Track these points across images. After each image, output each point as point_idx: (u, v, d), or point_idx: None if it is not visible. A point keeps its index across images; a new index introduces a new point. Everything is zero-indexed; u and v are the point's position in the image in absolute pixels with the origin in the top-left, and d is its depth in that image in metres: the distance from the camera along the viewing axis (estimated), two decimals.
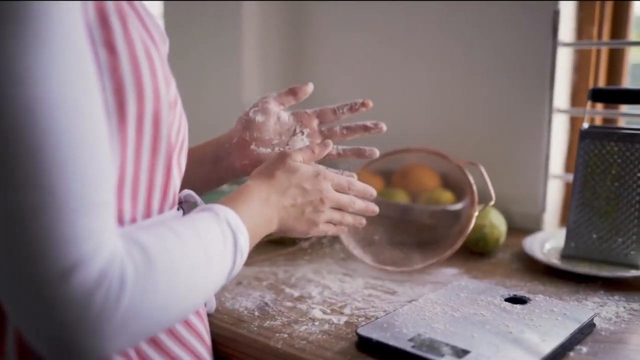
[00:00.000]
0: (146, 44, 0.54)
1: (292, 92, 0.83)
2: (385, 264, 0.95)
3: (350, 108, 0.85)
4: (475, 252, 1.02)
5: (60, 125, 0.45)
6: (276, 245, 1.03)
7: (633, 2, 1.10)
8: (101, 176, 0.47)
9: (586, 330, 0.71)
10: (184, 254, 0.52)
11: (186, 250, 0.52)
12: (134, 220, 0.56)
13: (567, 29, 1.11)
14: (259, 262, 0.97)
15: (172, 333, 0.60)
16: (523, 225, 1.15)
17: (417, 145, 1.08)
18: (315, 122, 0.85)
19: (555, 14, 1.06)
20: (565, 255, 0.96)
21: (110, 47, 0.50)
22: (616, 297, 0.82)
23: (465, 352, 0.63)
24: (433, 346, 0.64)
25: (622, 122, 1.14)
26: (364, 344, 0.67)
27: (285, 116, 0.83)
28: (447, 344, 0.64)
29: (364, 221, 0.79)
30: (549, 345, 0.65)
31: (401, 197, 1.11)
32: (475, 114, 1.21)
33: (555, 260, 0.94)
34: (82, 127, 0.47)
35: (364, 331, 0.68)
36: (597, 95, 0.94)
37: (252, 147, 0.79)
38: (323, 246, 1.04)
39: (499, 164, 1.17)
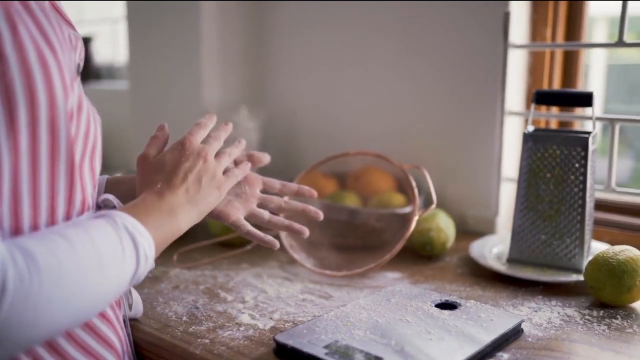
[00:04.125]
0: (40, 50, 0.53)
1: (249, 157, 0.84)
2: (331, 268, 0.94)
3: (297, 191, 0.85)
4: (423, 255, 1.01)
5: None
6: (221, 247, 1.02)
7: (587, 2, 1.09)
8: None
9: (511, 337, 0.70)
10: (73, 259, 0.51)
11: (76, 254, 0.51)
12: (35, 227, 0.55)
13: (520, 30, 1.11)
14: (201, 266, 0.96)
15: (74, 341, 0.59)
16: (477, 228, 1.14)
17: (358, 149, 1.07)
18: (259, 187, 0.83)
19: (506, 16, 1.05)
20: (510, 259, 0.95)
21: None
22: (553, 302, 0.81)
23: (377, 359, 0.62)
24: (347, 353, 0.63)
25: (577, 125, 1.13)
26: (281, 351, 0.67)
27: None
28: (361, 351, 0.63)
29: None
30: (467, 351, 0.64)
31: (352, 200, 1.10)
32: (428, 117, 1.20)
33: (499, 265, 0.93)
34: None
35: (282, 337, 0.67)
36: (541, 98, 0.93)
37: None
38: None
39: (453, 167, 1.17)
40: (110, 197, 0.70)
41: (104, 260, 0.53)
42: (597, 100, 2.32)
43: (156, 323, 0.76)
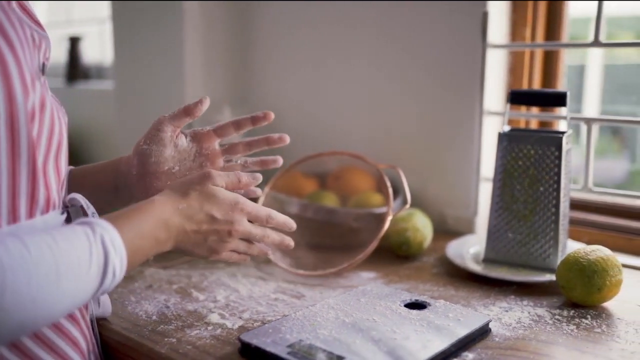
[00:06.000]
0: None
1: (186, 111, 0.77)
2: (307, 268, 0.94)
3: (252, 120, 0.80)
4: (400, 255, 1.01)
5: None
6: None
7: (566, 2, 1.09)
8: None
9: (478, 336, 0.70)
10: (22, 265, 0.49)
11: (27, 261, 0.49)
12: None
13: (500, 30, 1.10)
14: (177, 265, 0.96)
15: (38, 338, 0.59)
16: (456, 228, 1.14)
17: (340, 149, 1.07)
18: (215, 142, 0.80)
19: (484, 16, 1.05)
20: (486, 259, 0.95)
21: None
22: (525, 302, 0.81)
23: (339, 359, 0.62)
24: (310, 352, 0.63)
25: (558, 125, 1.13)
26: (245, 350, 0.67)
27: (184, 140, 0.78)
28: (324, 350, 0.63)
29: (269, 251, 0.78)
30: (431, 350, 0.64)
31: (330, 200, 1.10)
32: (408, 117, 1.20)
33: (474, 265, 0.93)
34: None
35: (246, 337, 0.67)
36: (516, 98, 0.93)
37: (154, 181, 0.75)
38: None
39: (432, 166, 1.17)
40: (78, 196, 0.69)
41: (61, 271, 0.51)
42: (594, 100, 2.30)
43: (125, 322, 0.76)
